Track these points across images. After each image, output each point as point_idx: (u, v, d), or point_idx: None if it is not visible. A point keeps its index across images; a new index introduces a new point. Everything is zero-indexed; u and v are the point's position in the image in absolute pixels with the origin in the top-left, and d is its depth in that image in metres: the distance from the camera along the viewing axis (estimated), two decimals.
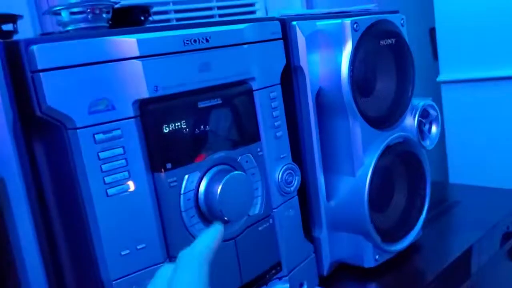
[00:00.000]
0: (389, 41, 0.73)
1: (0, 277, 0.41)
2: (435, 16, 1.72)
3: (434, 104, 0.84)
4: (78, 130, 0.43)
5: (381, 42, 0.72)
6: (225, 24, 0.55)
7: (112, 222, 0.46)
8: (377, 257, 0.73)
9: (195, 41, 0.50)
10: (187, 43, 0.50)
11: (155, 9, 0.78)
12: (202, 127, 0.51)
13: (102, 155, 0.45)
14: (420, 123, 0.80)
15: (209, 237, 0.39)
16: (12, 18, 0.69)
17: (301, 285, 0.64)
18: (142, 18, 0.79)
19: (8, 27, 0.69)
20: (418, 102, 0.81)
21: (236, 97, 0.55)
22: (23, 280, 0.43)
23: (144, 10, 0.78)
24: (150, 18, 0.82)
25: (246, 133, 0.56)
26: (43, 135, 0.45)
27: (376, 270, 0.73)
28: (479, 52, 1.65)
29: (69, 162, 0.44)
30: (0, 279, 0.41)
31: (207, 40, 0.51)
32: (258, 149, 0.57)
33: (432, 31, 1.82)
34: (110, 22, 0.63)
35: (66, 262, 0.48)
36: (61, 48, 0.42)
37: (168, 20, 1.41)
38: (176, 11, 1.45)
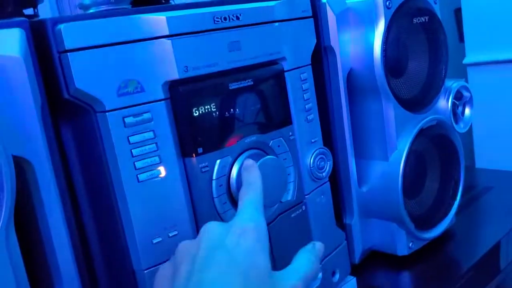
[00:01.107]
0: (422, 19, 0.70)
1: (31, 265, 0.40)
2: None
3: (467, 85, 0.80)
4: (107, 113, 0.41)
5: (414, 20, 0.68)
6: (255, 1, 0.52)
7: (143, 209, 0.44)
8: (410, 244, 0.71)
9: (225, 18, 0.48)
10: (217, 21, 0.47)
11: None
12: (232, 110, 0.49)
13: (133, 139, 0.43)
14: (453, 105, 0.77)
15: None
16: (33, 2, 0.68)
17: (334, 273, 0.62)
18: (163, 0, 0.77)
19: (29, 11, 0.67)
20: (451, 83, 0.77)
21: (268, 78, 0.52)
22: (54, 268, 0.42)
23: None
24: (171, 0, 0.79)
25: (278, 116, 0.54)
26: (72, 119, 0.44)
27: (409, 258, 0.71)
28: (506, 33, 1.60)
29: (98, 146, 0.43)
30: (31, 268, 0.40)
31: (237, 18, 0.49)
32: (290, 133, 0.55)
33: (458, 12, 1.77)
34: (131, 4, 0.61)
35: (96, 250, 0.46)
36: (89, 27, 0.40)
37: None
38: None
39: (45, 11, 0.92)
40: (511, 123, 1.64)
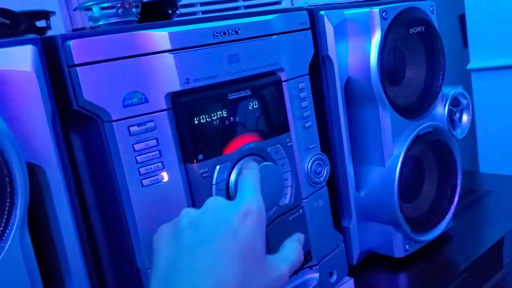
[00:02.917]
0: (419, 29, 0.72)
1: (44, 264, 0.43)
2: (464, 2, 1.67)
3: (465, 92, 0.83)
4: (113, 123, 0.45)
5: (410, 30, 0.71)
6: (253, 16, 0.55)
7: (147, 212, 0.47)
8: (407, 247, 0.73)
9: (224, 33, 0.51)
10: (217, 35, 0.50)
11: (181, 2, 0.79)
12: (232, 118, 0.52)
13: (137, 146, 0.46)
14: (450, 112, 0.79)
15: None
16: (46, 15, 0.71)
17: (331, 274, 0.65)
18: (170, 11, 0.80)
19: (41, 23, 0.71)
20: (449, 91, 0.80)
21: (265, 88, 0.55)
22: (65, 268, 0.45)
23: (172, 3, 0.79)
24: (178, 12, 0.83)
25: (275, 124, 0.56)
26: (80, 128, 0.47)
27: (406, 260, 0.73)
28: (510, 39, 1.61)
29: (105, 153, 0.46)
30: (44, 267, 0.43)
31: (236, 32, 0.52)
32: (287, 140, 0.58)
33: (462, 18, 1.78)
34: (139, 16, 0.64)
35: (104, 251, 0.49)
36: (97, 43, 0.44)
37: (194, 13, 1.42)
38: (202, 4, 1.46)
39: (57, 23, 0.96)
40: None
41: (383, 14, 0.67)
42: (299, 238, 0.44)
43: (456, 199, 0.79)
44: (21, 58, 0.40)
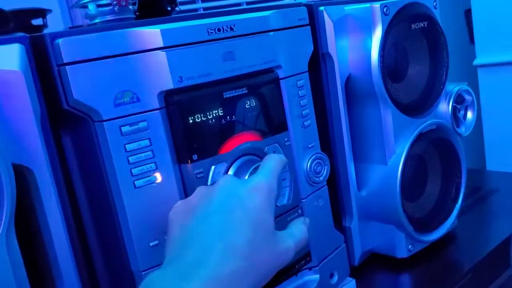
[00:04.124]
0: (421, 24, 0.70)
1: (34, 269, 0.42)
2: None
3: (469, 88, 0.81)
4: (104, 123, 0.44)
5: (413, 26, 0.69)
6: (250, 12, 0.54)
7: (140, 214, 0.46)
8: (410, 247, 0.71)
9: (219, 30, 0.50)
10: (211, 32, 0.49)
11: None
12: (228, 117, 0.51)
13: (129, 147, 0.45)
14: (454, 109, 0.77)
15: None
16: (41, 13, 0.71)
17: (332, 275, 0.63)
18: (169, 8, 0.79)
19: (38, 21, 0.70)
20: (453, 87, 0.78)
21: (262, 86, 0.54)
22: (55, 271, 0.44)
23: (171, 0, 0.78)
24: (177, 8, 0.81)
25: (273, 122, 0.55)
26: (71, 128, 0.46)
27: (409, 261, 0.72)
28: None
29: (96, 154, 0.45)
30: (34, 271, 0.42)
31: (231, 29, 0.51)
32: (286, 139, 0.56)
33: (468, 13, 1.76)
34: (137, 13, 0.63)
35: (96, 254, 0.48)
36: (86, 41, 0.42)
37: (195, 10, 1.41)
38: (203, 0, 1.44)
39: (56, 21, 0.95)
40: None
41: (384, 10, 0.65)
42: (304, 220, 0.45)
43: (460, 197, 0.77)
44: (7, 57, 0.39)
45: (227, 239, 0.37)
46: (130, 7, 0.61)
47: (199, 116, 0.48)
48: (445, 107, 0.77)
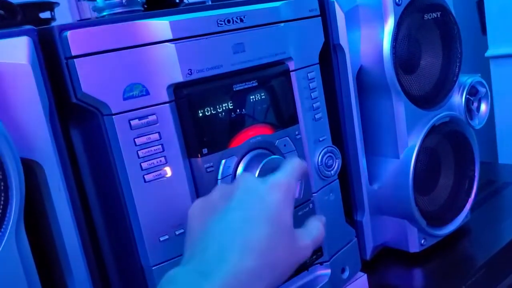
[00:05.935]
0: (434, 15, 0.69)
1: (44, 264, 0.42)
2: None
3: (483, 80, 0.79)
4: (113, 116, 0.43)
5: (425, 16, 0.68)
6: (260, 3, 0.53)
7: (150, 208, 0.45)
8: (422, 241, 0.70)
9: (229, 21, 0.49)
10: (221, 24, 0.48)
11: None
12: (238, 110, 0.50)
13: (139, 141, 0.44)
14: (468, 101, 0.76)
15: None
16: (49, 6, 0.70)
17: (343, 270, 0.63)
18: (177, 0, 0.78)
19: (45, 14, 0.69)
20: (466, 79, 0.76)
21: (273, 78, 0.53)
22: (65, 267, 0.44)
23: None
24: (185, 1, 0.81)
25: (284, 116, 0.54)
26: (80, 122, 0.45)
27: (421, 255, 0.71)
28: None
29: (106, 148, 0.44)
30: (44, 267, 0.41)
31: (241, 20, 0.50)
32: (296, 132, 0.56)
33: (480, 4, 1.73)
34: (145, 6, 0.62)
35: (106, 248, 0.48)
36: (94, 34, 0.42)
37: (203, 2, 1.40)
38: None
39: (65, 14, 0.94)
40: None
41: (397, 0, 0.64)
42: (321, 218, 0.45)
43: (474, 191, 0.76)
44: (16, 50, 0.39)
45: (246, 235, 0.37)
46: None
47: (208, 109, 0.48)
48: (458, 99, 0.75)
